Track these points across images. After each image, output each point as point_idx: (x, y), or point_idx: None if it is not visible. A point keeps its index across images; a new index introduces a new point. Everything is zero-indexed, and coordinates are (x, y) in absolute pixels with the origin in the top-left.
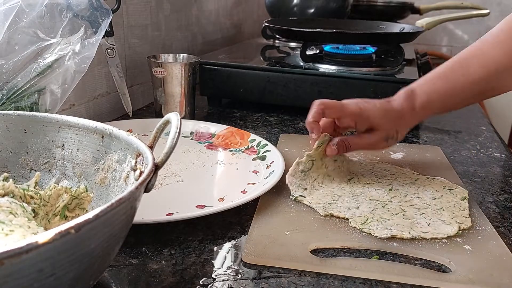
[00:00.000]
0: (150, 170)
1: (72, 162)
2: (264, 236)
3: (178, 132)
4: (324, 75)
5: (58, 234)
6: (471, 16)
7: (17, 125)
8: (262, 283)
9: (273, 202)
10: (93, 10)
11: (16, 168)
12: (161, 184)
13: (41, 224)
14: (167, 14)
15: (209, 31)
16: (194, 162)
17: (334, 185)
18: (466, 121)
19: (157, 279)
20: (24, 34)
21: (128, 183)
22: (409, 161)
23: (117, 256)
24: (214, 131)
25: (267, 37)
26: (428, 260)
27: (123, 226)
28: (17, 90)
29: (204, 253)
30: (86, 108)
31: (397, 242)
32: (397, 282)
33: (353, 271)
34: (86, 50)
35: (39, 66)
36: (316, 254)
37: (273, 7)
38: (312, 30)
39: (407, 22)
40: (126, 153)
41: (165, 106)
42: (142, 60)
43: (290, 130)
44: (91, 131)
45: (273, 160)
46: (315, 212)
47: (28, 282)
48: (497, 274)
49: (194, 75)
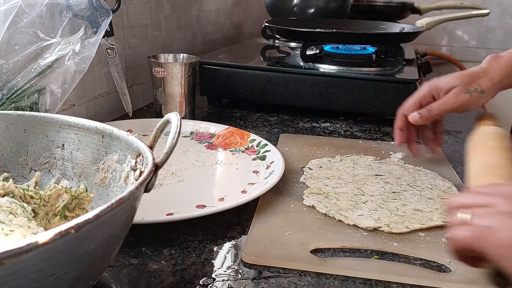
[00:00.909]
0: (150, 170)
1: (72, 162)
2: (264, 236)
3: (178, 132)
4: (324, 75)
5: (58, 234)
6: (471, 16)
7: (17, 125)
8: (262, 283)
9: (273, 202)
10: (93, 10)
11: (16, 168)
12: (161, 184)
13: (41, 224)
14: (167, 14)
15: (209, 31)
16: (194, 162)
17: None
18: (466, 121)
19: (157, 279)
20: (24, 34)
21: (128, 183)
22: (409, 161)
23: (117, 256)
24: (214, 131)
25: (267, 37)
26: (428, 260)
27: (123, 226)
28: (17, 90)
29: (204, 253)
30: (86, 108)
31: (397, 242)
32: (397, 282)
33: (353, 271)
34: (86, 50)
35: (39, 66)
36: (316, 254)
37: (273, 7)
38: (312, 30)
39: (407, 22)
40: (126, 153)
41: (165, 106)
42: (142, 60)
43: (290, 130)
44: (91, 131)
45: (273, 160)
46: (315, 212)
47: (28, 282)
48: None
49: (194, 75)
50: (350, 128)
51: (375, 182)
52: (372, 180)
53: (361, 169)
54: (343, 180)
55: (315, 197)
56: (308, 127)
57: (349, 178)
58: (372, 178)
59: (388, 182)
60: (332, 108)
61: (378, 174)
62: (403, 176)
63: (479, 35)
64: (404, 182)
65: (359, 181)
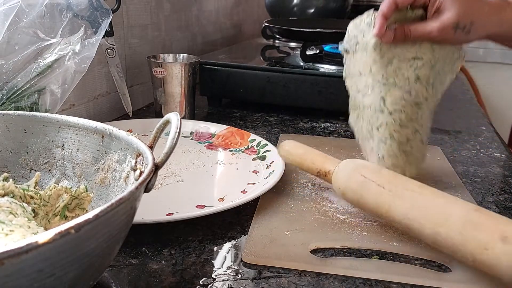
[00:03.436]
0: (150, 170)
1: (72, 162)
2: (264, 236)
3: (178, 132)
4: (324, 75)
5: (58, 234)
6: None
7: (17, 125)
8: (262, 283)
9: (273, 202)
10: (93, 10)
11: (16, 168)
12: (161, 184)
13: (41, 224)
14: (167, 14)
15: (209, 31)
16: (194, 162)
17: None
18: (466, 121)
19: (157, 279)
20: (24, 34)
21: (128, 183)
22: None
23: (117, 256)
24: (214, 131)
25: (267, 37)
26: (428, 260)
27: (123, 226)
28: (17, 90)
29: (204, 253)
30: (86, 108)
31: (397, 242)
32: (397, 282)
33: (353, 271)
34: (86, 50)
35: (39, 66)
36: (316, 254)
37: (273, 7)
38: (312, 30)
39: None
40: (126, 153)
41: (165, 106)
42: (142, 60)
43: (290, 130)
44: (91, 131)
45: (273, 160)
46: (315, 212)
47: (28, 282)
48: None
49: (194, 75)
50: (350, 128)
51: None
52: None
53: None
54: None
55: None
56: (308, 127)
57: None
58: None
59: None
60: (332, 108)
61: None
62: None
63: None
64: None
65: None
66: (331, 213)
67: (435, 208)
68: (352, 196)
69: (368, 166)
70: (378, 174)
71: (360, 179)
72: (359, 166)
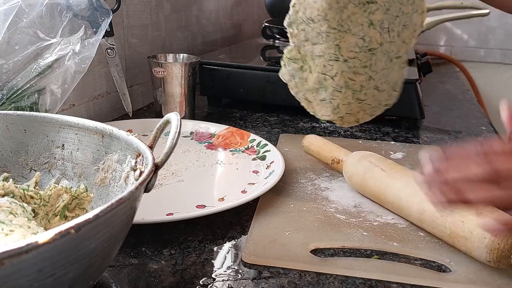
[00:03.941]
0: (150, 170)
1: (72, 162)
2: (264, 236)
3: (178, 132)
4: None
5: (58, 234)
6: (471, 16)
7: (17, 125)
8: (262, 283)
9: (273, 202)
10: (93, 10)
11: (16, 168)
12: (161, 184)
13: (41, 224)
14: (167, 14)
15: (209, 31)
16: (194, 162)
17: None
18: (466, 121)
19: (157, 279)
20: (24, 34)
21: (128, 183)
22: (409, 161)
23: (117, 256)
24: (214, 131)
25: (267, 37)
26: (428, 260)
27: (123, 226)
28: (17, 90)
29: (204, 253)
30: (86, 108)
31: (397, 242)
32: (397, 282)
33: (353, 271)
34: (86, 50)
35: (39, 66)
36: (316, 254)
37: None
38: None
39: None
40: (126, 153)
41: (165, 106)
42: (142, 60)
43: (290, 130)
44: (91, 131)
45: (273, 160)
46: (315, 212)
47: (28, 282)
48: (497, 274)
49: (194, 75)
50: (350, 128)
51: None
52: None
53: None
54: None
55: (292, 66)
56: (308, 127)
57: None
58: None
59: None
60: None
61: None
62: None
63: (479, 35)
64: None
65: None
66: (331, 213)
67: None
68: (356, 179)
69: (376, 155)
70: (384, 162)
71: (367, 164)
72: (368, 155)
